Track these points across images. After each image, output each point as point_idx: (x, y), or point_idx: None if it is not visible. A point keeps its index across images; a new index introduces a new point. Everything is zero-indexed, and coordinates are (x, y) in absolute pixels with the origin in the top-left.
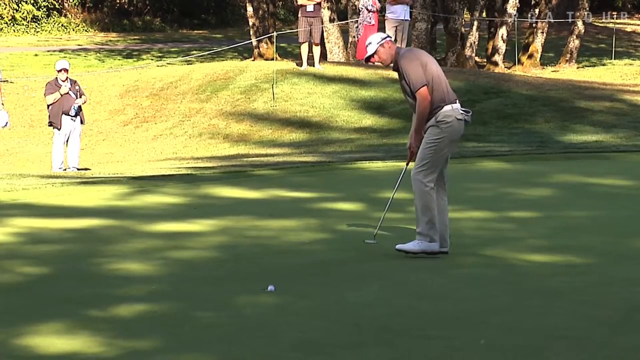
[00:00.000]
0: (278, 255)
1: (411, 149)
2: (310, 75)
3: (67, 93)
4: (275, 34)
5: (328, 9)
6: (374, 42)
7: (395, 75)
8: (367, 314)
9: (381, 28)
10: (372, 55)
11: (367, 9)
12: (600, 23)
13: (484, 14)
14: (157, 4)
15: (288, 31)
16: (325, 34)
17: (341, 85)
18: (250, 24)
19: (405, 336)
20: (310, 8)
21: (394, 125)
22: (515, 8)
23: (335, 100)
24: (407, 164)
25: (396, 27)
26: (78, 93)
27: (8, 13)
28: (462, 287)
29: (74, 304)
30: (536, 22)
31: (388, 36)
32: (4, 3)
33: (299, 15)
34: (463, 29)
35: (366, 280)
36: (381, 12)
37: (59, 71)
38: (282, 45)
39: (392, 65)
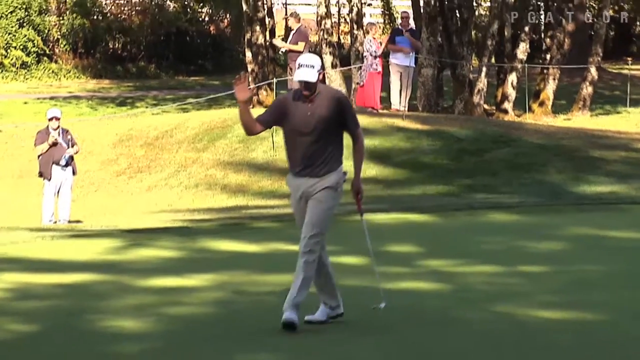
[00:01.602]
0: (277, 312)
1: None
2: None
3: (56, 142)
4: (275, 80)
5: (330, 54)
6: (316, 67)
7: (392, 122)
8: None
9: (386, 74)
10: (311, 84)
11: (371, 55)
12: (614, 69)
13: (492, 60)
14: (152, 49)
15: (289, 78)
16: (327, 80)
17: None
18: (249, 70)
19: None
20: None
21: (399, 176)
22: (526, 53)
23: None
24: (361, 214)
25: (401, 72)
26: (70, 142)
27: None
28: (470, 343)
29: None
30: (547, 68)
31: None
32: None
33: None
34: (471, 75)
35: (369, 336)
36: (385, 56)
37: (50, 120)
38: (282, 92)
39: (304, 94)
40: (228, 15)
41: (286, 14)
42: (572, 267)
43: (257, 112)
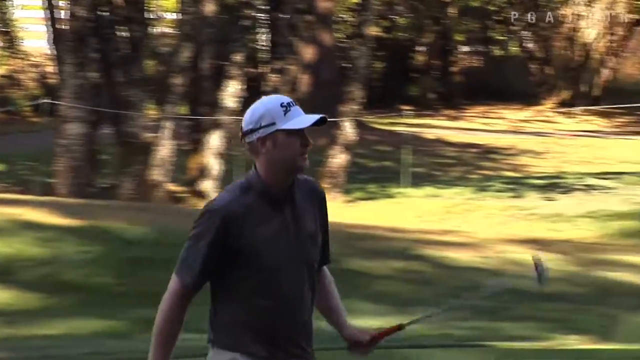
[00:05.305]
0: None
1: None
2: None
3: None
4: None
5: None
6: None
7: (18, 213)
8: None
9: None
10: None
11: None
12: (382, 124)
13: (184, 110)
14: None
15: None
16: None
17: None
18: None
19: None
20: None
21: (29, 304)
22: (239, 99)
23: None
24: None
25: None
26: None
27: None
28: None
29: None
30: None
31: None
32: None
33: None
34: (147, 135)
35: None
36: None
37: None
38: None
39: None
40: None
41: None
42: None
43: None
